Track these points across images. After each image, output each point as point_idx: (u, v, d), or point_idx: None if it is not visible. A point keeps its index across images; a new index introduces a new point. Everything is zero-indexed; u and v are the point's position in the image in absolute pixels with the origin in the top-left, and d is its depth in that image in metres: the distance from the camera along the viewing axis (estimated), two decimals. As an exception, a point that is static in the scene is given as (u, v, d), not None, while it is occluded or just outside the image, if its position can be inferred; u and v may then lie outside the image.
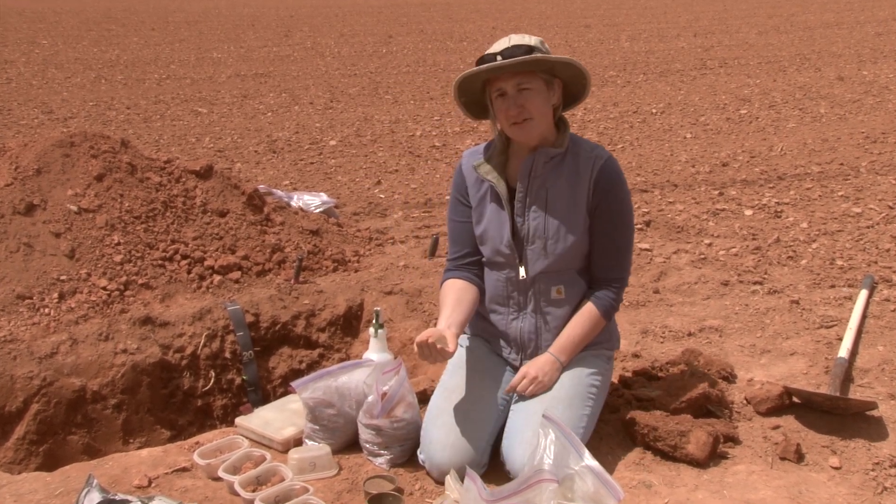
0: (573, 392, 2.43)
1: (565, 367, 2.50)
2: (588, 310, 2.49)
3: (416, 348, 2.27)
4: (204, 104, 10.41)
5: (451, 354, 2.29)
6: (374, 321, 2.92)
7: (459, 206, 2.60)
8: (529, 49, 2.32)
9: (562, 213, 2.43)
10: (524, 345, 2.57)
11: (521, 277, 2.49)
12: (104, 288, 3.65)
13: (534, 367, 2.45)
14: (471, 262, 2.58)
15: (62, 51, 15.40)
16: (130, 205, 4.01)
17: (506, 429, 2.42)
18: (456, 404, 2.45)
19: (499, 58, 2.31)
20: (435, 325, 2.55)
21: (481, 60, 2.35)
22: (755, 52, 14.00)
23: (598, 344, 2.58)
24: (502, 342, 2.62)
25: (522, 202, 2.46)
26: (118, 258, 3.77)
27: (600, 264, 2.50)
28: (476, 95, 2.47)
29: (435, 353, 2.27)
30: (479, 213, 2.54)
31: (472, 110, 2.52)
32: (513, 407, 2.46)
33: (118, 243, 3.83)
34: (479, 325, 2.67)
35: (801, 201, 5.44)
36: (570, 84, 2.46)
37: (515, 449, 2.31)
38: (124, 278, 3.71)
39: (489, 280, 2.58)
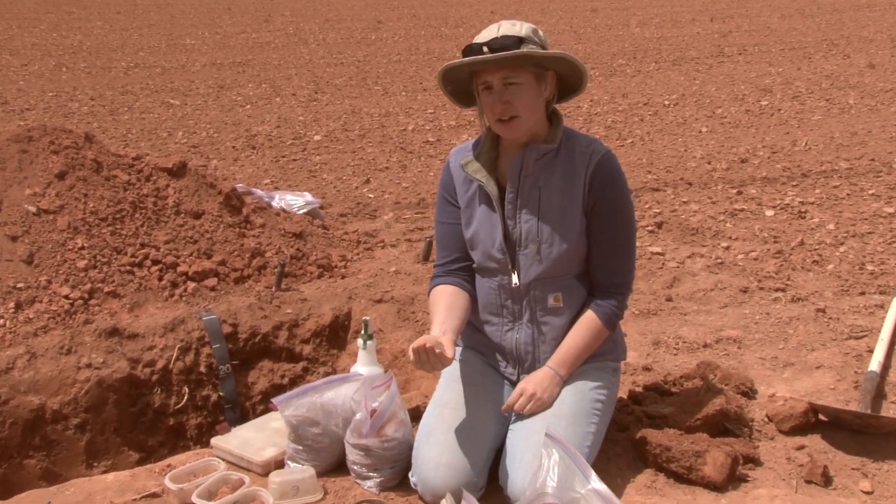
0: (576, 408, 2.44)
1: (566, 381, 2.50)
2: (589, 319, 2.49)
3: (410, 355, 2.27)
4: (176, 95, 10.41)
5: (450, 361, 2.29)
6: (362, 332, 2.93)
7: (447, 207, 2.60)
8: (518, 41, 2.31)
9: (556, 215, 2.44)
10: (521, 358, 2.57)
11: (514, 284, 2.50)
12: (66, 296, 3.65)
13: (532, 383, 2.46)
14: (461, 268, 2.59)
15: (17, 35, 15.40)
16: (95, 205, 4.01)
17: (505, 448, 2.42)
18: (450, 422, 2.45)
19: (485, 49, 2.31)
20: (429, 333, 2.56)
21: (467, 50, 2.34)
22: (777, 37, 14.07)
23: (603, 355, 2.59)
24: (498, 356, 2.62)
25: (513, 203, 2.47)
26: (82, 264, 3.77)
27: (600, 269, 2.51)
28: (463, 84, 2.48)
29: (433, 360, 2.27)
30: (469, 215, 2.54)
31: (460, 98, 2.53)
32: (512, 425, 2.47)
33: (82, 247, 3.83)
34: (473, 337, 2.68)
35: (828, 201, 5.47)
36: (565, 76, 2.46)
37: (515, 470, 2.31)
38: (88, 286, 3.71)
39: (481, 288, 2.58)
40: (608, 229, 2.46)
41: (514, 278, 2.49)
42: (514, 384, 2.61)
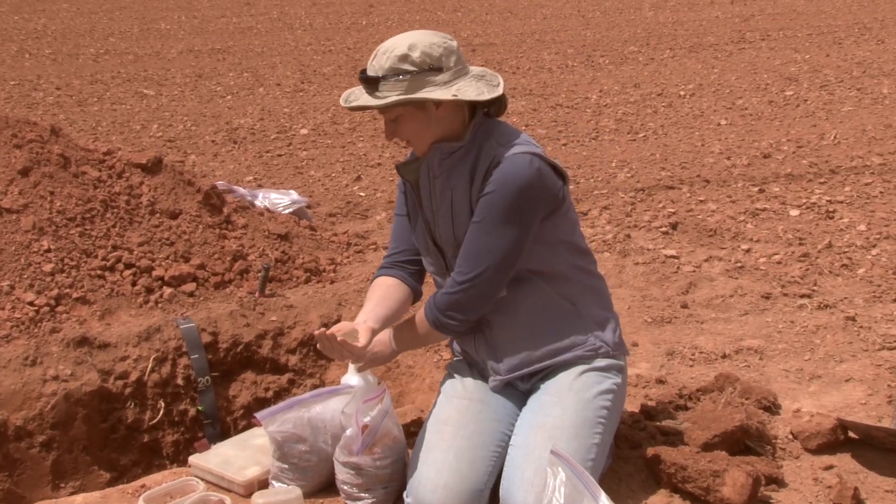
0: (579, 418, 2.44)
1: (565, 387, 2.52)
2: (419, 312, 2.62)
3: (317, 342, 2.37)
4: (150, 85, 10.42)
5: (361, 351, 2.40)
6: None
7: (400, 201, 2.74)
8: (377, 81, 2.41)
9: (467, 216, 2.49)
10: (478, 362, 2.65)
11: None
12: (31, 303, 3.65)
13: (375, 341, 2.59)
14: (407, 262, 2.72)
15: (-23, 20, 15.40)
16: (63, 204, 4.01)
17: (504, 467, 2.43)
18: (450, 440, 2.47)
19: (361, 83, 2.48)
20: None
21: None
22: (804, 21, 14.09)
23: (570, 348, 2.55)
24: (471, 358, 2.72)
25: (428, 205, 2.59)
26: (48, 268, 3.78)
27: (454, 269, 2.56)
28: None
29: (337, 349, 2.38)
30: (413, 216, 2.68)
31: None
32: (512, 442, 2.48)
33: (48, 250, 3.84)
34: (457, 346, 2.80)
35: (859, 199, 5.48)
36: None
37: (516, 490, 2.32)
38: (55, 291, 3.72)
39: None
40: (471, 230, 2.46)
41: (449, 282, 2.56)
42: (518, 395, 2.62)
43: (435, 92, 2.40)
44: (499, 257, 2.43)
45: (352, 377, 2.90)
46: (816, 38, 12.51)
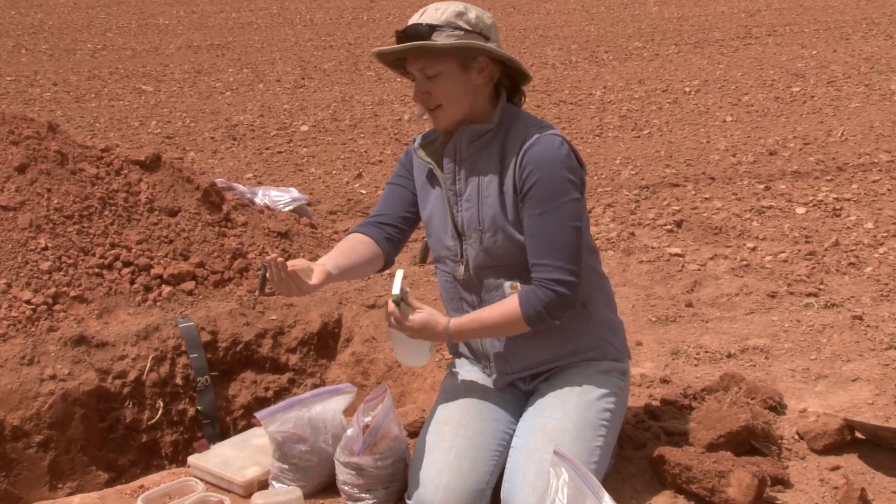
0: (582, 421, 2.45)
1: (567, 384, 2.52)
2: (509, 303, 2.45)
3: (268, 270, 2.31)
4: (149, 81, 10.43)
5: (309, 288, 2.36)
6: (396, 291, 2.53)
7: (402, 172, 2.70)
8: (432, 28, 2.38)
9: (494, 201, 2.48)
10: (485, 353, 2.62)
11: (461, 276, 2.56)
12: (28, 301, 3.66)
13: (425, 316, 2.46)
14: (389, 227, 2.66)
15: (-27, 15, 15.41)
16: (60, 202, 4.02)
17: (506, 469, 2.43)
18: (451, 440, 2.47)
19: (403, 37, 2.39)
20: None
21: (397, 33, 2.42)
22: (811, 16, 14.09)
23: (579, 353, 2.56)
24: (475, 356, 2.70)
25: (453, 189, 2.55)
26: (45, 266, 3.78)
27: (533, 259, 2.46)
28: (403, 65, 2.56)
29: (285, 281, 2.33)
30: (423, 197, 2.64)
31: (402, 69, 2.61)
32: (514, 444, 2.48)
33: (45, 248, 3.84)
34: (456, 344, 2.74)
35: (866, 197, 5.48)
36: (507, 60, 2.50)
37: (517, 492, 2.33)
38: (53, 290, 3.73)
39: (440, 280, 2.68)
40: (539, 222, 2.43)
41: (461, 269, 2.55)
42: (520, 395, 2.63)
43: (492, 50, 2.39)
44: (578, 240, 2.44)
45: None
46: (824, 33, 12.50)
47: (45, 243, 3.85)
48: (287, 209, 5.04)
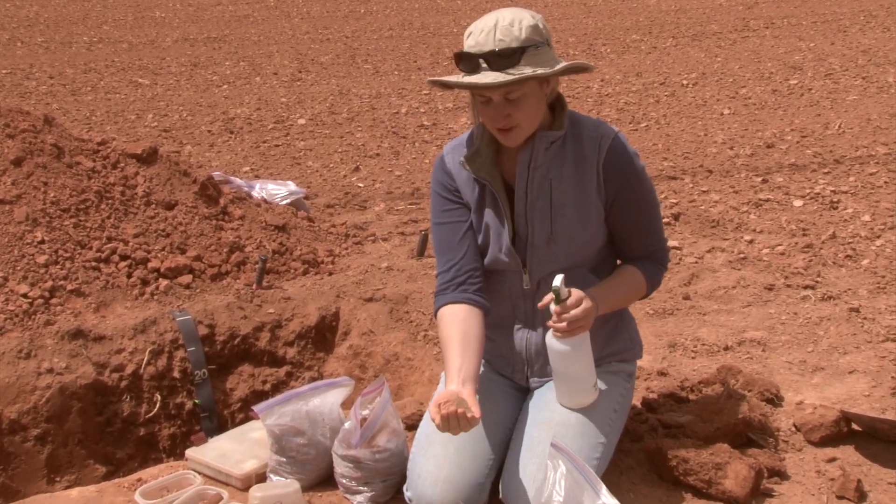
0: (586, 417, 2.45)
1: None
2: (631, 270, 2.53)
3: (435, 420, 2.19)
4: (145, 74, 10.41)
5: (478, 421, 2.22)
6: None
7: (447, 205, 2.55)
8: (519, 52, 2.26)
9: (571, 207, 2.45)
10: (531, 360, 2.59)
11: (525, 287, 2.52)
12: (25, 295, 3.66)
13: (581, 306, 2.31)
14: (470, 276, 2.50)
15: (-32, 8, 15.36)
16: (57, 195, 4.02)
17: (507, 461, 2.44)
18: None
19: (482, 62, 2.26)
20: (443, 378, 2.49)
21: (460, 58, 2.31)
22: (809, 8, 14.08)
23: (616, 354, 2.61)
24: (503, 360, 2.64)
25: (523, 199, 2.46)
26: (42, 259, 3.78)
27: (638, 249, 2.56)
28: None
29: (464, 423, 2.20)
30: (478, 218, 2.52)
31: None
32: (515, 436, 2.49)
33: (42, 241, 3.84)
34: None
35: (863, 189, 5.49)
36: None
37: (518, 484, 2.33)
38: (50, 283, 3.72)
39: (490, 290, 2.57)
40: (638, 217, 2.51)
41: (525, 279, 2.50)
42: (521, 389, 2.63)
43: (578, 63, 2.38)
44: (661, 222, 2.64)
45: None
46: (821, 25, 12.49)
47: (42, 237, 3.84)
48: (284, 203, 5.04)
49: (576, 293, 2.33)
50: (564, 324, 2.29)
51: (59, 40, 12.50)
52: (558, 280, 2.29)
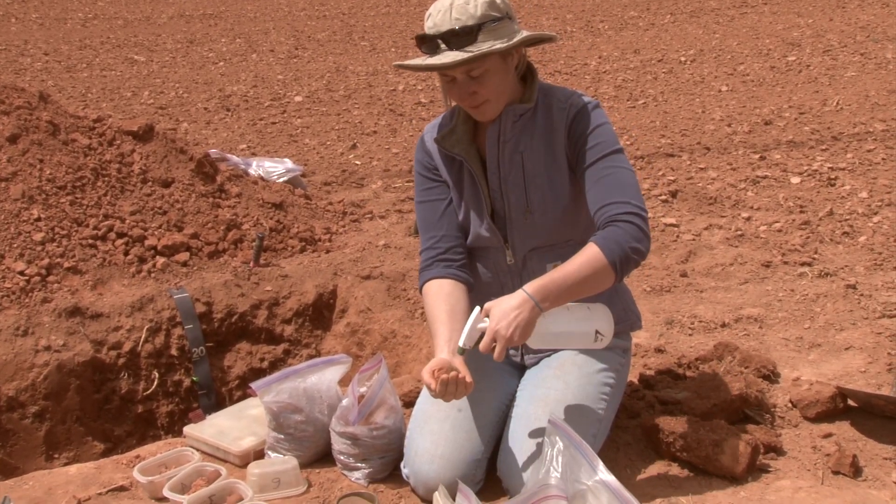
0: (582, 393, 2.45)
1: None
2: (587, 251, 2.25)
3: (432, 387, 2.20)
4: (141, 51, 10.35)
5: (472, 386, 2.25)
6: None
7: (428, 184, 2.57)
8: (475, 29, 2.25)
9: (543, 179, 2.44)
10: None
11: (508, 262, 2.51)
12: (21, 273, 3.65)
13: (495, 317, 2.20)
14: (452, 251, 2.53)
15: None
16: (53, 172, 4.00)
17: (503, 438, 2.44)
18: (447, 410, 2.47)
19: (440, 43, 2.26)
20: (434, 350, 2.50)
21: (420, 40, 2.31)
22: (806, -14, 14.00)
23: (630, 327, 2.60)
24: None
25: (496, 173, 2.47)
26: (38, 237, 3.77)
27: (600, 203, 2.35)
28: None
29: (461, 388, 2.23)
30: (458, 195, 2.54)
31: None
32: (512, 413, 2.49)
33: (38, 219, 3.83)
34: None
35: (861, 166, 5.48)
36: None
37: (515, 461, 2.34)
38: (46, 261, 3.72)
39: (476, 269, 2.59)
40: (601, 166, 2.37)
41: (508, 255, 2.50)
42: (517, 367, 2.63)
43: (538, 35, 2.33)
44: (635, 180, 2.36)
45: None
46: (820, 1, 12.43)
47: (38, 214, 3.83)
48: (281, 180, 5.03)
49: (485, 327, 2.22)
50: (495, 353, 2.20)
51: (54, 16, 12.42)
52: (461, 342, 2.24)
